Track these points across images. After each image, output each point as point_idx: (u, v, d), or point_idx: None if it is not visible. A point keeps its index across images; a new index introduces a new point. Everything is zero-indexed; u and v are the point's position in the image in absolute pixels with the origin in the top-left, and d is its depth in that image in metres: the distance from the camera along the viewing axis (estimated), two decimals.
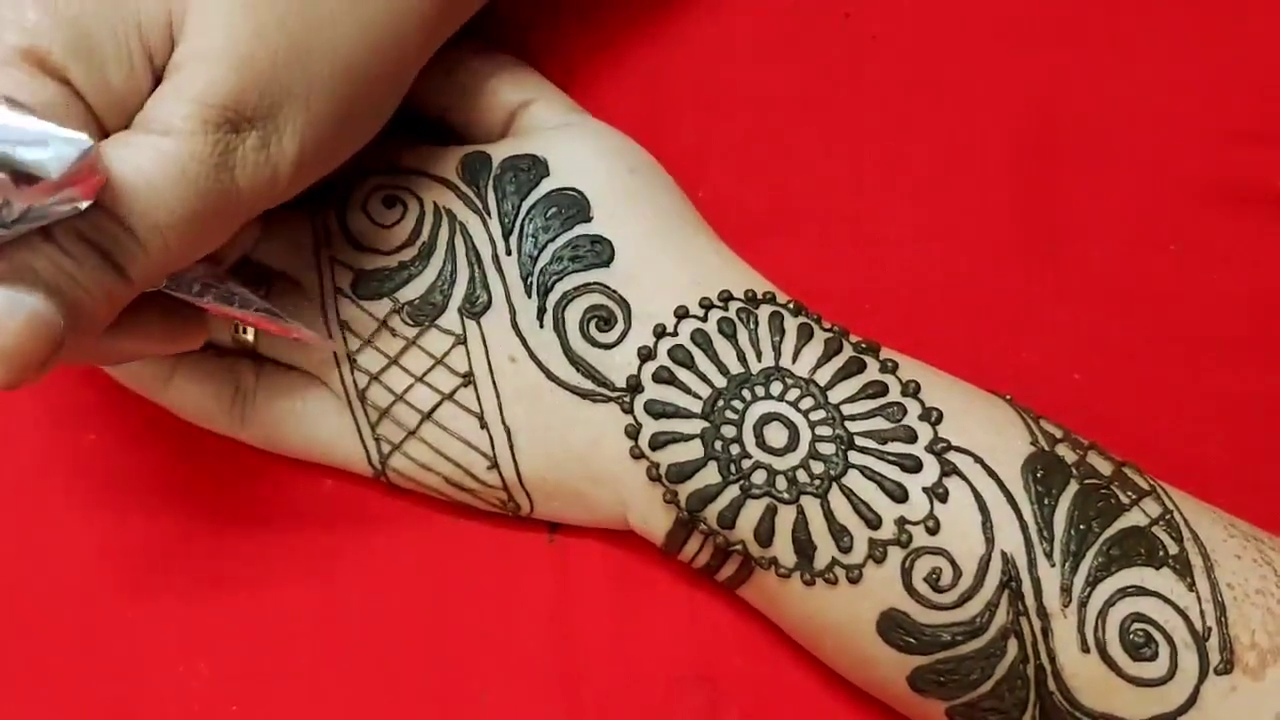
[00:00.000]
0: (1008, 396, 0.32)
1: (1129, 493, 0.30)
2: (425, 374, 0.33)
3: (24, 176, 0.23)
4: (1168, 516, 0.30)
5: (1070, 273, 0.37)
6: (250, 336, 0.35)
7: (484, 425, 0.33)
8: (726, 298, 0.32)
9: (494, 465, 0.33)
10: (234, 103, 0.27)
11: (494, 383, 0.33)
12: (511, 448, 0.33)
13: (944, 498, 0.30)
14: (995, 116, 0.38)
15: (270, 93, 0.27)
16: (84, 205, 0.24)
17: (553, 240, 0.33)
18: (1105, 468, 0.31)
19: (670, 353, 0.32)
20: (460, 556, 0.36)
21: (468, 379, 0.33)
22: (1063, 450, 0.31)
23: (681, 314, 0.32)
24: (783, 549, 0.31)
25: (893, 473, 0.30)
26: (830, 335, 0.32)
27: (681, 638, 0.35)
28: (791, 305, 0.33)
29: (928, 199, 0.38)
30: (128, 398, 0.36)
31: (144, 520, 0.36)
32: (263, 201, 0.28)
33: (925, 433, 0.31)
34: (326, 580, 0.36)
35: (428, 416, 0.33)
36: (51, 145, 0.23)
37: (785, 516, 0.30)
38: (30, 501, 0.36)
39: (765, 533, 0.31)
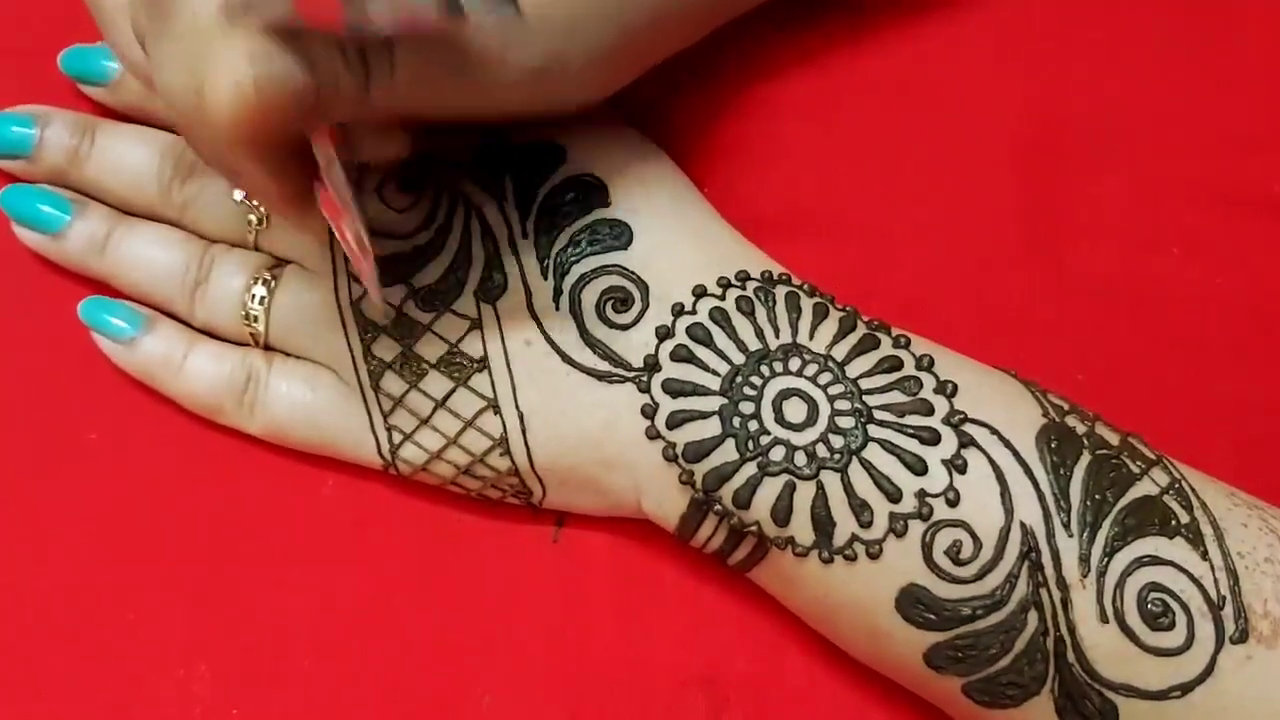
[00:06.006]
0: (1012, 371, 0.33)
1: (1138, 462, 0.31)
2: (439, 360, 0.33)
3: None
4: (1177, 485, 0.30)
5: (1073, 275, 0.37)
6: (262, 328, 0.35)
7: (497, 410, 0.32)
8: (744, 278, 0.33)
9: (506, 451, 0.33)
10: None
11: (509, 366, 0.32)
12: (524, 432, 0.32)
13: (963, 469, 0.30)
14: (998, 119, 0.38)
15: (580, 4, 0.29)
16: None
17: (571, 224, 0.33)
18: (1113, 438, 0.31)
19: (689, 330, 0.32)
20: (463, 558, 0.35)
21: (482, 363, 0.32)
22: (1072, 421, 0.31)
23: (700, 293, 0.32)
24: (800, 527, 0.31)
25: (912, 445, 0.30)
26: (844, 314, 0.33)
27: (685, 640, 0.35)
28: (806, 287, 0.33)
29: (931, 201, 0.38)
30: (128, 397, 0.36)
31: (144, 520, 0.35)
32: (504, 91, 0.29)
33: (942, 406, 0.31)
34: (328, 582, 0.35)
35: (441, 404, 0.33)
36: None
37: (804, 493, 0.30)
38: (30, 501, 0.36)
39: (783, 511, 0.30)
